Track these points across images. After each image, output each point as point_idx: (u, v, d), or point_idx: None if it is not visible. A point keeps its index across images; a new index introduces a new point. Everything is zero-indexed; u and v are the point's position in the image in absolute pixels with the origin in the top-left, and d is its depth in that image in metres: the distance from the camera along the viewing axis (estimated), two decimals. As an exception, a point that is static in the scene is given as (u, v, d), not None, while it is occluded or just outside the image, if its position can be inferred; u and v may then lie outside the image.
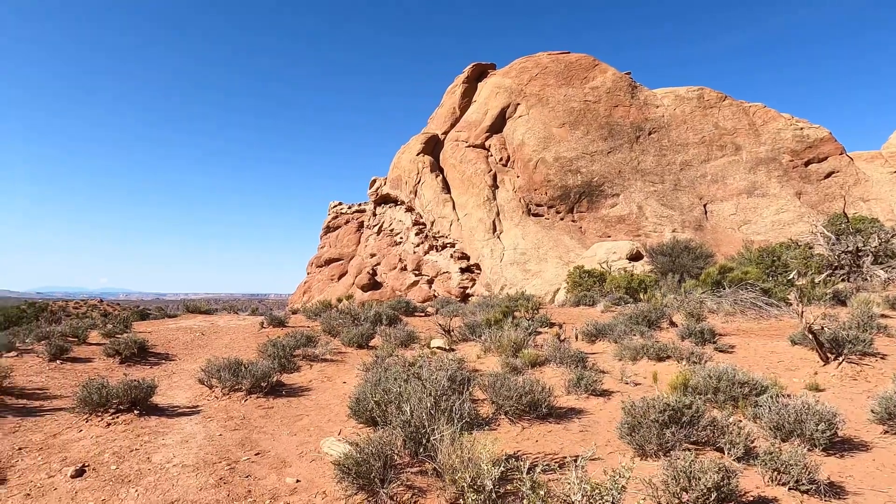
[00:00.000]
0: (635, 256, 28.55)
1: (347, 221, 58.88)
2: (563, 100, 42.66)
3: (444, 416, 4.82)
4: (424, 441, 4.83)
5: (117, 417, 7.08)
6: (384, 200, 51.61)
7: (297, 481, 5.15)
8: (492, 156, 42.27)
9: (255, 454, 5.91)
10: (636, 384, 8.79)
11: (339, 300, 26.55)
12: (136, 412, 7.19)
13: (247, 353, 11.41)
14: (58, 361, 10.83)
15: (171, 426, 6.92)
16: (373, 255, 47.68)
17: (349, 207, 60.74)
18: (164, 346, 13.08)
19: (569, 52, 46.87)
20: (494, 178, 40.69)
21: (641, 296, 18.48)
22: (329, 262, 55.89)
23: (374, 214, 52.90)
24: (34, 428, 7.33)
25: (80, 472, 5.53)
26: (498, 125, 43.61)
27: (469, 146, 43.39)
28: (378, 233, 50.05)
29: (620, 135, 41.22)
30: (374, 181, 54.37)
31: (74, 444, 6.49)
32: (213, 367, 8.41)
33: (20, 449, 6.53)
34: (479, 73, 49.80)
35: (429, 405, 4.88)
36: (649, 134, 41.69)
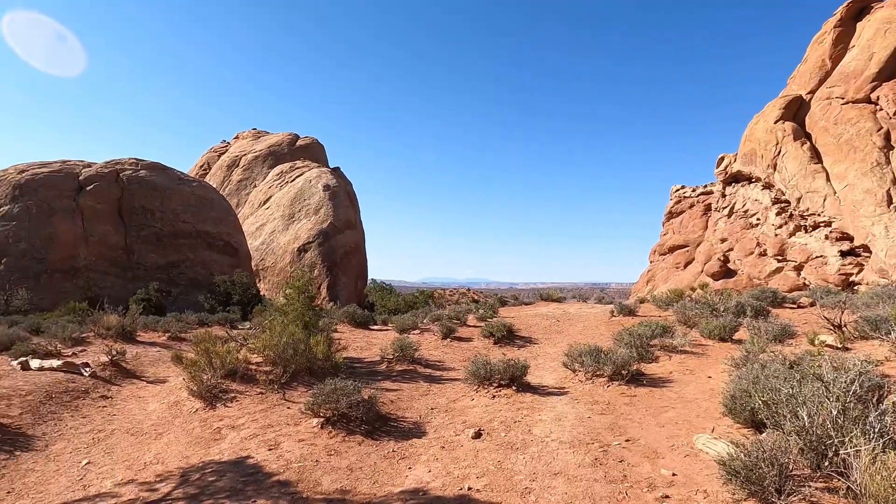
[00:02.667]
0: None
1: (692, 205, 54.98)
2: None
3: (857, 426, 4.03)
4: (830, 454, 4.13)
5: (499, 391, 8.10)
6: (734, 179, 46.39)
7: (674, 474, 5.01)
8: (881, 109, 33.67)
9: (626, 440, 6.00)
10: None
11: (693, 289, 24.93)
12: (513, 388, 8.11)
13: (601, 340, 11.71)
14: (448, 339, 13.02)
15: (543, 403, 7.57)
16: (723, 241, 43.40)
17: (693, 190, 56.61)
18: (526, 330, 14.44)
19: None
20: (887, 136, 32.33)
21: None
22: (673, 249, 53.17)
23: (724, 195, 48.04)
24: (439, 393, 8.95)
25: (478, 435, 6.52)
26: (890, 70, 34.50)
27: (847, 102, 35.48)
28: (729, 215, 45.30)
29: None
30: (722, 159, 49.35)
31: (470, 410, 7.69)
32: (575, 353, 8.88)
33: (432, 409, 8.05)
34: (858, 11, 40.23)
35: (834, 412, 4.14)
36: None
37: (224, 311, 25.75)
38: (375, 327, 16.83)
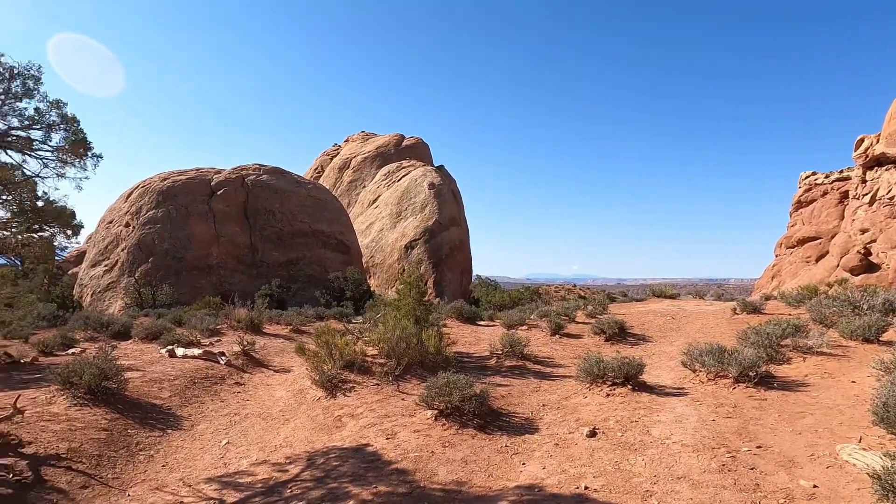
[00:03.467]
0: None
1: (824, 193, 49.94)
2: None
3: None
4: None
5: (614, 389, 7.86)
6: (877, 162, 41.53)
7: (815, 486, 4.60)
8: None
9: (756, 447, 5.59)
10: None
11: (829, 285, 22.71)
12: (629, 387, 7.83)
13: (723, 339, 10.98)
14: (557, 336, 12.82)
15: (661, 404, 7.24)
16: (864, 231, 39.03)
17: (826, 177, 51.39)
18: (639, 327, 13.88)
19: None
20: None
21: None
22: (802, 241, 48.63)
23: (864, 181, 43.17)
24: (549, 390, 8.85)
25: (592, 433, 6.37)
26: None
27: None
28: (870, 203, 40.65)
29: None
30: (862, 140, 44.34)
31: (582, 407, 7.53)
32: (696, 351, 8.40)
33: (543, 405, 7.98)
34: None
35: None
36: None
37: (338, 305, 27.11)
38: (482, 323, 16.95)
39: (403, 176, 49.50)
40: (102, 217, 34.88)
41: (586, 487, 5.06)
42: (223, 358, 11.40)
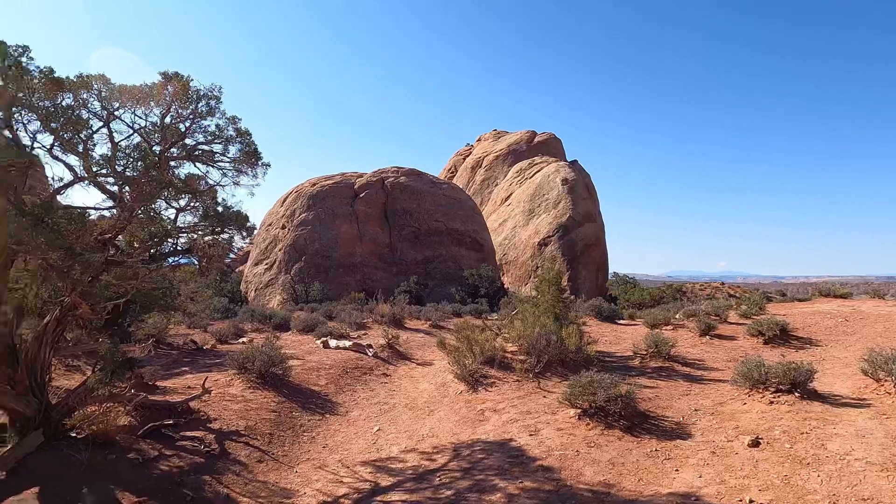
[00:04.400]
0: None
1: None
2: None
3: None
4: None
5: (778, 397, 7.17)
6: None
7: None
8: None
9: (965, 471, 4.80)
10: None
11: None
12: (796, 394, 7.09)
13: (914, 346, 9.54)
14: (707, 337, 11.98)
15: (837, 415, 6.47)
16: None
17: None
18: (804, 330, 12.51)
19: None
20: None
21: None
22: None
23: None
24: (700, 394, 8.30)
25: (755, 443, 5.87)
26: None
27: None
28: None
29: None
30: None
31: (741, 415, 6.96)
32: (881, 358, 7.39)
33: (695, 410, 7.50)
34: None
35: None
36: None
37: (473, 302, 27.62)
38: (622, 322, 16.31)
39: (536, 172, 49.08)
40: (263, 220, 38.65)
41: (751, 501, 4.68)
42: (371, 350, 12.13)
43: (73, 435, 6.23)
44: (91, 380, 6.33)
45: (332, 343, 12.57)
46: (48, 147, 5.64)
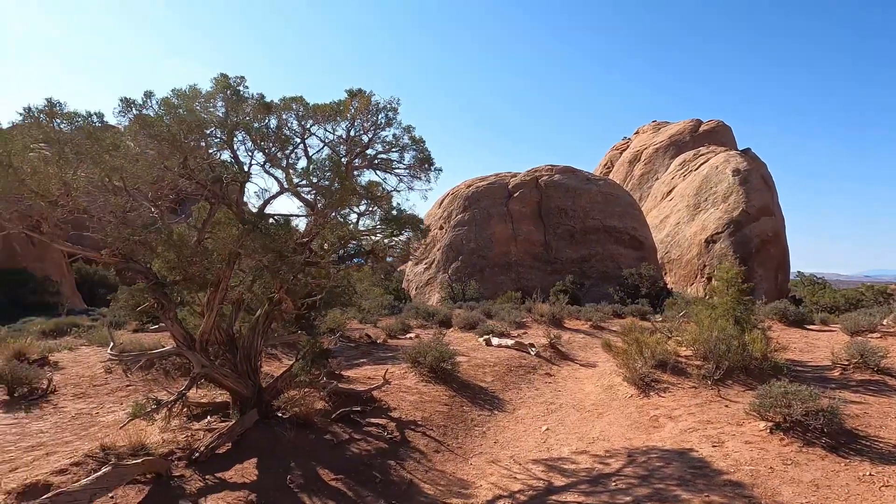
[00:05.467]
0: None
1: None
2: None
3: None
4: None
5: None
6: None
7: None
8: None
9: None
10: None
11: None
12: None
13: None
14: (928, 348, 10.23)
15: None
16: None
17: None
18: None
19: None
20: None
21: None
22: None
23: None
24: (926, 414, 7.13)
25: None
26: None
27: None
28: None
29: None
30: None
31: None
32: None
33: (920, 432, 6.46)
34: None
35: None
36: None
37: (633, 303, 26.43)
38: (812, 327, 14.55)
39: (702, 164, 45.53)
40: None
41: None
42: (533, 349, 12.18)
43: (279, 415, 7.10)
44: (296, 367, 7.16)
45: (495, 341, 12.82)
46: (262, 163, 6.49)
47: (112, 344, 6.61)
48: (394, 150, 7.77)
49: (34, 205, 5.23)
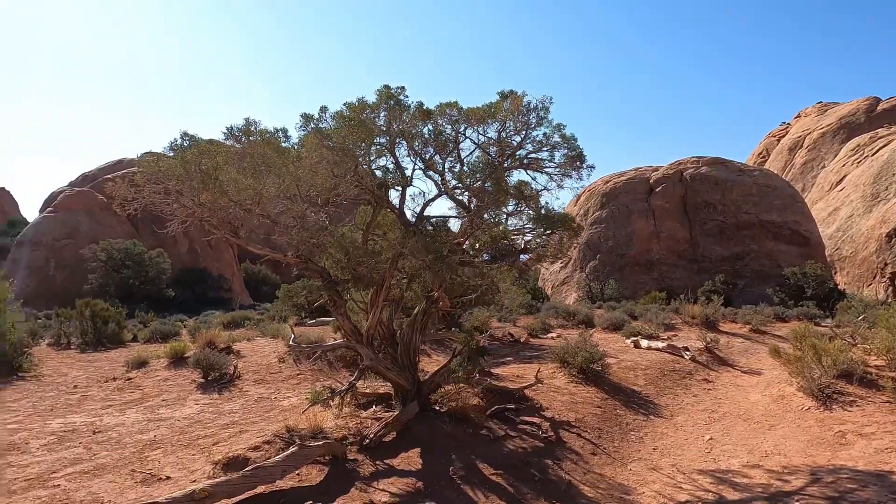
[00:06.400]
0: None
1: None
2: None
3: None
4: None
5: None
6: None
7: None
8: None
9: None
10: None
11: None
12: None
13: None
14: None
15: None
16: None
17: None
18: None
19: None
20: None
21: None
22: None
23: None
24: None
25: None
26: None
27: None
28: None
29: None
30: None
31: None
32: None
33: None
34: None
35: None
36: None
37: (796, 305, 23.93)
38: None
39: (880, 148, 39.91)
40: (556, 220, 39.98)
41: None
42: (687, 353, 11.50)
43: (436, 408, 7.40)
44: (453, 363, 7.43)
45: (644, 343, 12.29)
46: (423, 168, 6.82)
47: (293, 336, 7.33)
48: (544, 148, 7.75)
49: (233, 212, 5.94)
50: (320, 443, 5.87)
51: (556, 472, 6.28)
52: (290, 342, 7.26)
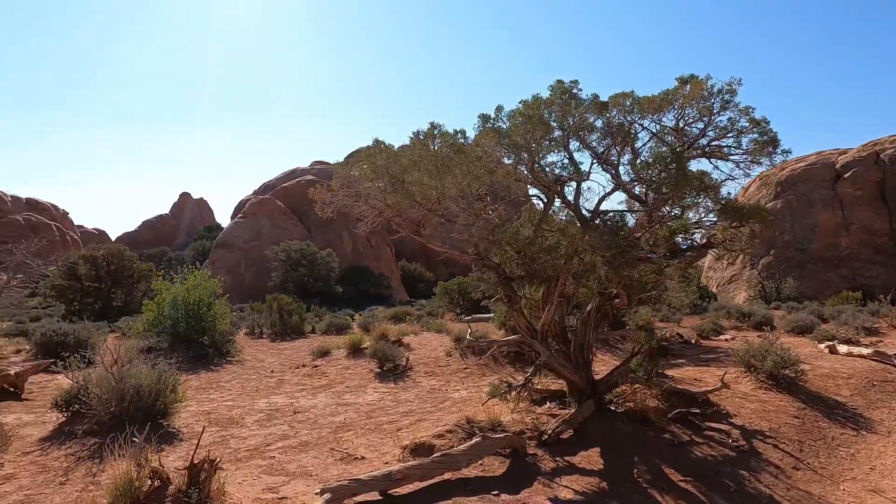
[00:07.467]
0: None
1: None
2: None
3: None
4: None
5: None
6: None
7: None
8: None
9: None
10: None
11: None
12: None
13: None
14: None
15: None
16: None
17: None
18: None
19: None
20: None
21: None
22: None
23: None
24: None
25: None
26: None
27: None
28: None
29: None
30: None
31: None
32: None
33: None
34: None
35: None
36: None
37: None
38: None
39: None
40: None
41: None
42: (899, 361, 9.97)
43: (612, 408, 7.20)
44: (633, 362, 7.19)
45: (843, 349, 10.87)
46: (601, 161, 6.67)
47: (469, 331, 7.59)
48: (729, 134, 7.18)
49: (417, 211, 6.29)
50: (501, 435, 5.99)
51: (754, 484, 5.79)
52: (469, 336, 7.52)
